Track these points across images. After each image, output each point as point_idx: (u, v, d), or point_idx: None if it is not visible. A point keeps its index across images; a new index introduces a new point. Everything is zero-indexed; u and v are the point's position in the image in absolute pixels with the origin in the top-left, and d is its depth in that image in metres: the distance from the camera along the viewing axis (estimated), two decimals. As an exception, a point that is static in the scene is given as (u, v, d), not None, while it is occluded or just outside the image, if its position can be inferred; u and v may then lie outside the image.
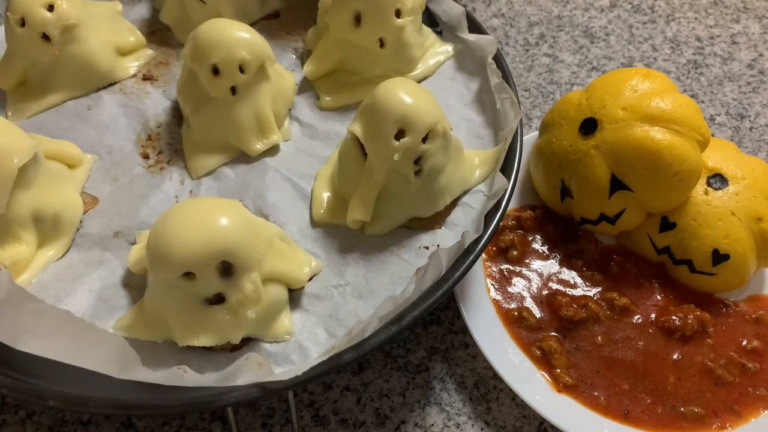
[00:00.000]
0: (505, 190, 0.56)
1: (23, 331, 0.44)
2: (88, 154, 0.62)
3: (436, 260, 0.50)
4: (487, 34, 0.71)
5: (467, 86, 0.70)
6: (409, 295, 0.48)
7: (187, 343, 0.47)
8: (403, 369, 0.62)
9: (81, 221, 0.57)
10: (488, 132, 0.66)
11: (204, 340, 0.47)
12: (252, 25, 0.73)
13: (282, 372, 0.45)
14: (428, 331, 0.65)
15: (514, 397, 0.61)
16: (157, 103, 0.67)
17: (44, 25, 0.61)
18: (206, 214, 0.46)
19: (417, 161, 0.54)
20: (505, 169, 0.60)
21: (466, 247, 0.53)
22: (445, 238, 0.58)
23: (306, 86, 0.70)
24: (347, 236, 0.58)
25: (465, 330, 0.65)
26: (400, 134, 0.52)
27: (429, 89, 0.57)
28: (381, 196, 0.56)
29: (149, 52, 0.72)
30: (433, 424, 0.59)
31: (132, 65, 0.70)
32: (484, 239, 0.53)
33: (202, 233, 0.45)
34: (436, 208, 0.58)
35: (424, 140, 0.53)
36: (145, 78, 0.69)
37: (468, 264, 0.52)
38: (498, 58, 0.68)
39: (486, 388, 0.61)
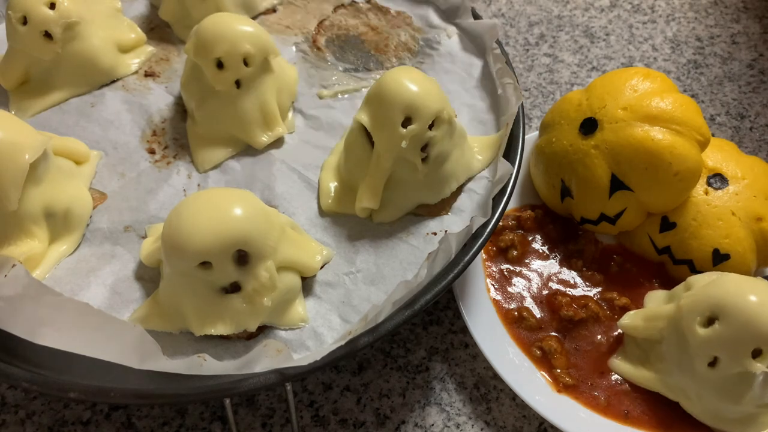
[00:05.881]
0: (511, 175, 0.57)
1: (42, 325, 0.44)
2: (94, 151, 0.61)
3: (446, 245, 0.50)
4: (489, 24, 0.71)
5: (468, 72, 0.71)
6: (421, 279, 0.49)
7: (205, 332, 0.47)
8: (403, 369, 0.62)
9: (91, 216, 0.57)
10: (491, 117, 0.66)
11: (221, 329, 0.48)
12: (250, 20, 0.73)
13: (300, 358, 0.45)
14: (428, 331, 0.65)
15: (514, 397, 0.61)
16: (160, 98, 0.67)
17: (46, 23, 0.61)
18: (221, 204, 0.46)
19: (423, 148, 0.55)
20: (508, 155, 0.60)
21: (474, 231, 0.53)
22: (453, 224, 0.58)
23: (308, 79, 0.70)
24: (356, 224, 0.58)
25: (465, 330, 0.65)
26: (406, 122, 0.53)
27: (432, 76, 0.57)
28: (388, 184, 0.56)
29: (150, 49, 0.71)
30: (433, 424, 0.59)
31: (133, 62, 0.70)
32: (492, 223, 0.54)
33: (218, 223, 0.45)
34: (443, 194, 0.59)
35: (430, 127, 0.54)
36: (147, 74, 0.69)
37: (477, 248, 0.52)
38: (500, 45, 0.69)
39: (486, 388, 0.61)
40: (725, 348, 0.51)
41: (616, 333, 0.62)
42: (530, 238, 0.69)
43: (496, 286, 0.65)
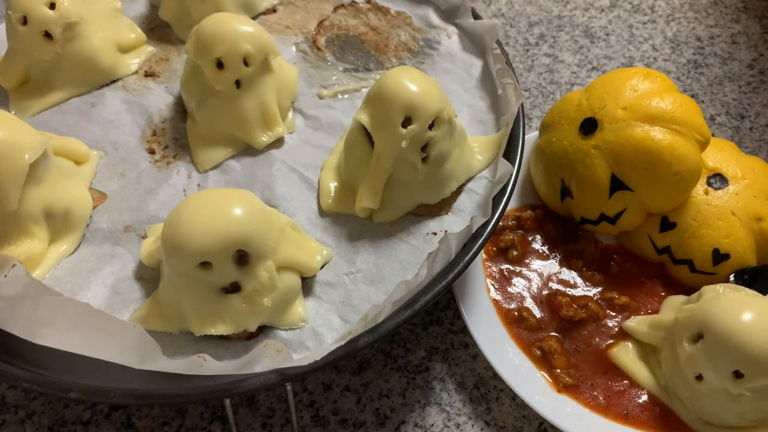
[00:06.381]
0: (511, 175, 0.57)
1: (42, 325, 0.44)
2: (94, 151, 0.61)
3: (446, 245, 0.50)
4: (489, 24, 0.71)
5: (468, 72, 0.71)
6: (421, 279, 0.49)
7: (205, 332, 0.47)
8: (403, 369, 0.62)
9: (91, 216, 0.57)
10: (491, 117, 0.66)
11: (221, 329, 0.48)
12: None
13: (300, 358, 0.45)
14: (428, 331, 0.65)
15: (514, 397, 0.61)
16: (160, 98, 0.67)
17: (46, 23, 0.61)
18: (220, 204, 0.46)
19: (423, 148, 0.55)
20: (508, 155, 0.60)
21: (474, 231, 0.53)
22: (452, 224, 0.58)
23: (308, 79, 0.70)
24: (355, 225, 0.58)
25: (465, 330, 0.65)
26: (406, 122, 0.53)
27: (432, 76, 0.57)
28: (388, 184, 0.56)
29: (150, 49, 0.71)
30: (433, 425, 0.59)
31: (133, 62, 0.70)
32: (492, 223, 0.54)
33: (218, 223, 0.45)
34: (443, 194, 0.59)
35: (430, 127, 0.54)
36: (147, 74, 0.69)
37: (477, 248, 0.52)
38: (500, 45, 0.69)
39: (486, 388, 0.61)
40: (707, 366, 0.52)
41: (615, 333, 0.62)
42: (530, 238, 0.69)
43: (496, 286, 0.65)
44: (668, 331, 0.56)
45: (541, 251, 0.68)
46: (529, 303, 0.64)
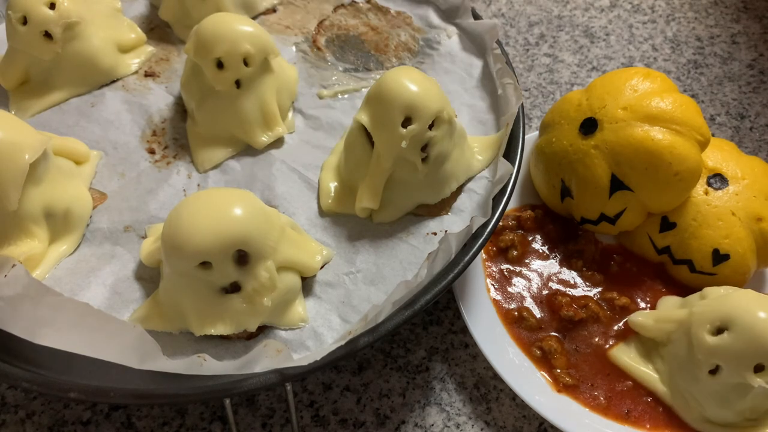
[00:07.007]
0: (511, 175, 0.57)
1: (42, 325, 0.44)
2: (94, 151, 0.61)
3: (446, 245, 0.50)
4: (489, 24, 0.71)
5: (468, 72, 0.71)
6: (421, 279, 0.49)
7: (205, 332, 0.47)
8: (403, 369, 0.62)
9: (91, 217, 0.57)
10: (491, 117, 0.66)
11: (221, 329, 0.48)
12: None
13: (300, 358, 0.45)
14: (428, 331, 0.65)
15: (514, 397, 0.61)
16: (160, 98, 0.67)
17: (46, 23, 0.61)
18: (220, 204, 0.46)
19: (423, 148, 0.55)
20: (508, 155, 0.60)
21: (474, 231, 0.53)
22: (452, 224, 0.58)
23: (308, 79, 0.70)
24: (355, 225, 0.58)
25: (465, 330, 0.65)
26: (406, 122, 0.53)
27: (432, 76, 0.57)
28: (388, 184, 0.56)
29: (150, 49, 0.71)
30: (433, 424, 0.59)
31: (133, 62, 0.70)
32: (492, 223, 0.54)
33: (218, 223, 0.45)
34: (443, 194, 0.59)
35: (430, 127, 0.54)
36: (147, 74, 0.69)
37: (477, 248, 0.52)
38: (500, 45, 0.69)
39: (486, 388, 0.61)
40: (729, 358, 0.52)
41: (615, 333, 0.62)
42: (530, 238, 0.69)
43: (496, 286, 0.65)
44: (680, 325, 0.57)
45: (541, 251, 0.68)
46: (529, 303, 0.64)
